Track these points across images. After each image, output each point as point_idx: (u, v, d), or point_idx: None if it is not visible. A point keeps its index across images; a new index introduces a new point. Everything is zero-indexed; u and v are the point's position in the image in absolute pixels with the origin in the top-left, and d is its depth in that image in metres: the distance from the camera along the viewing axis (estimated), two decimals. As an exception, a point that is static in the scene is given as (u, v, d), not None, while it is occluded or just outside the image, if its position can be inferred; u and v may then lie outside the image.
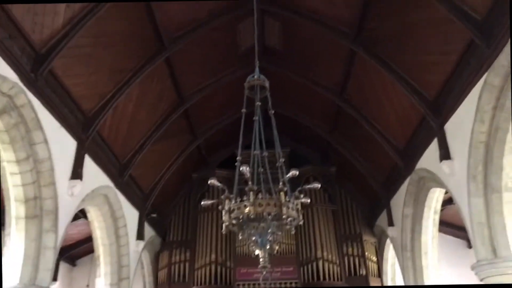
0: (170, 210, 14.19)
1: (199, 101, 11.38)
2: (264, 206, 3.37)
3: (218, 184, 3.59)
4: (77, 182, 7.72)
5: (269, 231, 3.54)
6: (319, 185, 3.84)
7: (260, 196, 3.46)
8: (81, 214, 11.50)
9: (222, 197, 3.57)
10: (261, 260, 3.53)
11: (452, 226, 13.87)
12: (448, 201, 11.67)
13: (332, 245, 12.64)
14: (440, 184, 8.52)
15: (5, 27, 5.96)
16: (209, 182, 3.60)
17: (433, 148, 8.51)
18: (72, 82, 7.74)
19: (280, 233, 3.74)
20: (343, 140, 12.55)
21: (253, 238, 3.59)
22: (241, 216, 3.46)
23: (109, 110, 8.61)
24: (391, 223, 11.45)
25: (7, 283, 6.45)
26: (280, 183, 3.51)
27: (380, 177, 12.12)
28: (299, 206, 3.59)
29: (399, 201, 10.85)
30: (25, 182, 6.81)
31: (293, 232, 3.69)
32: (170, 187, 13.38)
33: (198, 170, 14.22)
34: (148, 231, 12.38)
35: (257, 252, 3.58)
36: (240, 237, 3.75)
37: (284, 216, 3.45)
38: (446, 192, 9.95)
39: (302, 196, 3.63)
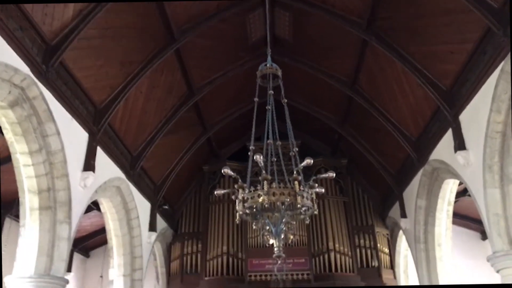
0: (182, 203, 14.26)
1: (209, 94, 11.35)
2: (278, 195, 3.32)
3: (232, 173, 3.55)
4: (89, 173, 7.75)
5: (283, 220, 3.50)
6: (334, 174, 3.78)
7: (274, 185, 3.41)
8: (93, 206, 11.62)
9: (236, 186, 3.53)
10: (275, 249, 3.49)
11: (465, 218, 13.71)
12: (461, 193, 11.53)
13: (344, 236, 12.59)
14: (455, 175, 8.39)
15: (15, 19, 5.96)
16: (222, 171, 3.56)
17: (448, 139, 8.37)
18: (83, 74, 7.75)
19: (294, 222, 3.71)
20: (355, 132, 12.43)
21: (267, 228, 3.55)
22: (255, 206, 3.42)
23: (120, 102, 8.62)
24: (404, 215, 11.34)
25: (23, 273, 6.52)
26: (295, 172, 3.45)
27: (392, 168, 12.00)
28: (313, 196, 3.54)
29: (412, 192, 10.73)
30: (38, 173, 6.85)
31: (307, 222, 3.65)
32: (182, 180, 13.42)
33: (209, 162, 14.24)
34: (160, 222, 12.44)
35: (271, 241, 3.55)
36: (254, 227, 3.71)
37: (298, 206, 3.40)
38: (459, 184, 9.82)
39: (316, 185, 3.58)
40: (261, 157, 3.44)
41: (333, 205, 13.13)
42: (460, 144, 7.73)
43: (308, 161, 3.47)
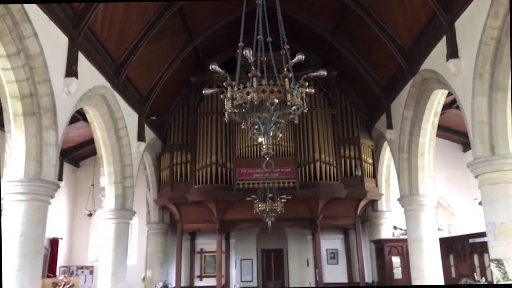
0: (170, 114, 14.21)
1: (195, -2, 10.69)
2: (268, 92, 3.23)
3: (220, 69, 3.41)
4: (72, 79, 7.49)
5: (272, 119, 3.46)
6: (325, 72, 3.66)
7: (263, 82, 3.31)
8: (80, 117, 11.51)
9: (224, 84, 3.41)
10: (264, 146, 3.49)
11: (449, 130, 14.05)
12: (448, 105, 11.64)
13: (329, 147, 12.87)
14: (444, 85, 8.36)
15: None
16: (210, 67, 3.39)
17: (441, 47, 8.19)
18: (57, -30, 7.13)
19: (283, 121, 3.68)
20: (347, 42, 12.08)
21: (256, 126, 3.52)
22: (244, 104, 3.34)
23: (99, 4, 8.06)
24: (390, 126, 11.52)
25: (13, 177, 6.58)
26: (285, 69, 3.33)
27: (382, 80, 11.91)
28: (303, 94, 3.47)
29: (399, 104, 10.78)
30: (18, 78, 6.58)
31: (296, 121, 3.61)
32: (169, 91, 13.20)
33: (196, 74, 13.92)
34: (149, 133, 12.47)
35: (260, 139, 3.54)
36: (243, 127, 3.67)
37: (288, 104, 3.34)
38: (447, 96, 9.85)
39: (307, 84, 3.49)
40: (251, 52, 3.29)
41: (321, 117, 13.23)
42: (453, 52, 7.58)
43: (300, 56, 3.33)
